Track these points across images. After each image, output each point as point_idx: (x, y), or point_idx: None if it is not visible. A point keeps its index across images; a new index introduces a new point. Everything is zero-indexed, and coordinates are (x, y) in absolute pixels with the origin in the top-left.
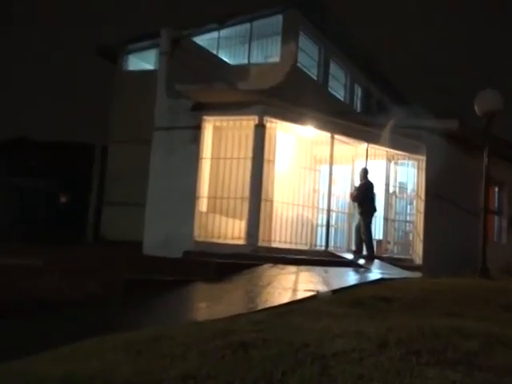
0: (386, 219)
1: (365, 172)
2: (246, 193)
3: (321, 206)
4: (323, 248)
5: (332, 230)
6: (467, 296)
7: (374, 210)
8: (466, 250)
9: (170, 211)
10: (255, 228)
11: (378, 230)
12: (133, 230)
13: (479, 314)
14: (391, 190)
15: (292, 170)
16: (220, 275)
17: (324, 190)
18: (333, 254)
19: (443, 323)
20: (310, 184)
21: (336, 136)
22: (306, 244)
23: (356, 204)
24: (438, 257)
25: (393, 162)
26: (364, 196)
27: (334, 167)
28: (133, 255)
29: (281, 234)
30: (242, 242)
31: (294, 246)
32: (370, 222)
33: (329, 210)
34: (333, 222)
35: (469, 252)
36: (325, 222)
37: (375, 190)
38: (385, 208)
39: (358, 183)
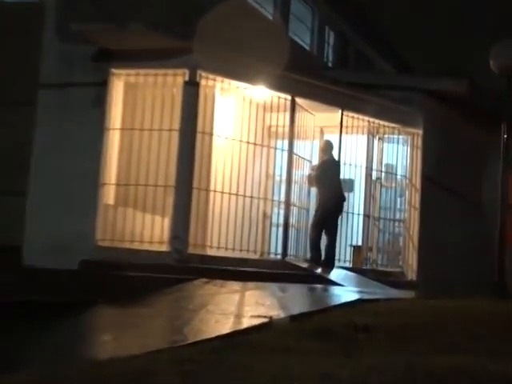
0: (366, 216)
1: (327, 145)
2: (172, 179)
3: (277, 198)
4: (279, 257)
5: (292, 232)
6: (477, 323)
7: (340, 198)
8: (477, 258)
9: (62, 204)
10: (184, 228)
11: (354, 233)
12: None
13: (494, 349)
14: (374, 175)
15: (236, 148)
16: (133, 295)
17: (281, 175)
18: (293, 266)
19: (443, 362)
20: (261, 167)
21: (298, 100)
22: (256, 251)
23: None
24: (437, 269)
25: (377, 137)
26: (323, 177)
27: (295, 143)
28: (6, 266)
29: (220, 236)
30: (164, 247)
31: (238, 255)
32: (328, 216)
33: (288, 204)
34: (293, 220)
35: (480, 262)
36: (282, 221)
37: (345, 173)
38: (365, 201)
39: (317, 162)
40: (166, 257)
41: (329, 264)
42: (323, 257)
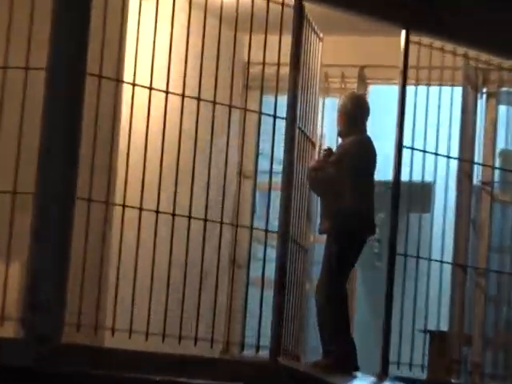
0: (458, 268)
1: (358, 107)
2: (29, 179)
3: (260, 225)
4: (265, 354)
5: (293, 300)
6: None
7: (369, 221)
8: None
9: None
10: (54, 289)
11: (431, 304)
12: None
13: None
14: (477, 176)
15: (174, 112)
16: None
17: (272, 173)
18: (294, 375)
19: None
20: (228, 155)
21: (309, 6)
22: (215, 342)
23: (321, 204)
24: None
25: (484, 93)
26: (346, 179)
27: (302, 106)
28: None
29: (135, 308)
30: (10, 330)
31: (174, 348)
32: (351, 258)
33: (284, 237)
34: (295, 274)
35: None
36: (273, 276)
37: (411, 170)
38: (457, 232)
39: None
40: (14, 350)
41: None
42: (335, 351)
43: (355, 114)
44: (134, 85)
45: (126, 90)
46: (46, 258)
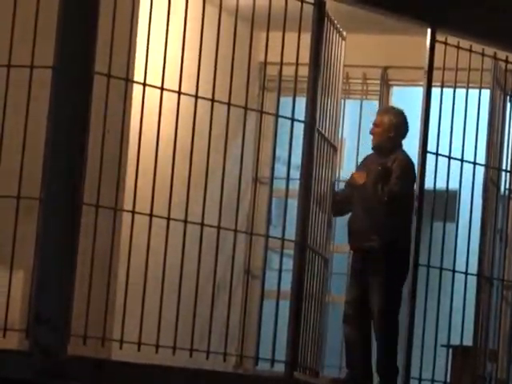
0: (484, 279)
1: (400, 122)
2: (35, 182)
3: (276, 233)
4: (282, 369)
5: (310, 311)
6: None
7: (406, 246)
8: None
9: None
10: (59, 300)
11: (455, 318)
12: None
13: None
14: (504, 184)
15: (186, 114)
16: None
17: (289, 179)
18: None
19: None
20: (243, 160)
21: (331, 4)
22: (228, 355)
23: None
24: None
25: None
26: (398, 209)
27: (321, 108)
28: None
29: (144, 321)
30: (14, 342)
31: (184, 361)
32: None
33: (302, 246)
34: (314, 284)
35: None
36: (290, 288)
37: (433, 177)
38: (482, 244)
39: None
40: (18, 362)
41: None
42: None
43: (404, 131)
44: (144, 85)
45: (136, 90)
46: (51, 267)
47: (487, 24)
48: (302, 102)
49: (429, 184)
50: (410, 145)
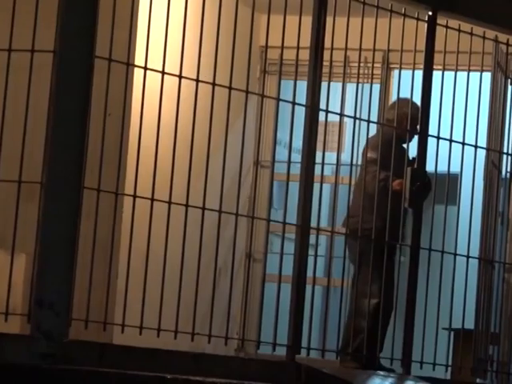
0: (486, 263)
1: (415, 116)
2: (37, 167)
3: (277, 217)
4: (284, 352)
5: (314, 294)
6: None
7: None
8: None
9: None
10: (62, 284)
11: (456, 301)
12: None
13: None
14: (505, 168)
15: (187, 98)
16: None
17: (291, 163)
18: (314, 372)
19: None
20: (245, 144)
21: None
22: (230, 338)
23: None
24: None
25: None
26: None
27: (324, 92)
28: None
29: (145, 304)
30: (16, 325)
31: (185, 345)
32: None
33: (304, 229)
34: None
35: None
36: (292, 271)
37: (434, 160)
38: (484, 226)
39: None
40: (19, 348)
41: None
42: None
43: (413, 119)
44: (145, 69)
45: (137, 73)
46: (53, 251)
47: (488, 7)
48: (303, 86)
49: (430, 167)
50: None
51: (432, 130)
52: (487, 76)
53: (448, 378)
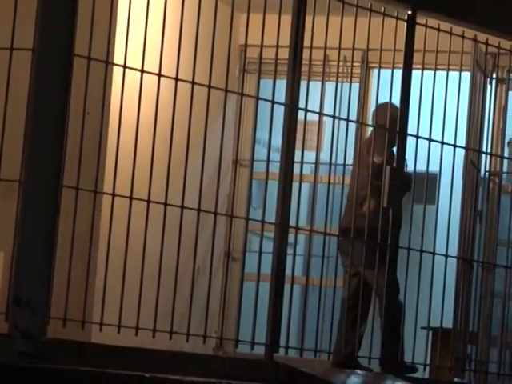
0: (464, 262)
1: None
2: (15, 165)
3: (256, 216)
4: (263, 351)
5: (293, 292)
6: None
7: None
8: None
9: None
10: (40, 283)
11: (435, 300)
12: None
13: None
14: (484, 167)
15: (166, 96)
16: None
17: (270, 160)
18: (292, 370)
19: None
20: (224, 143)
21: None
22: (208, 336)
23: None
24: None
25: (493, 78)
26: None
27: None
28: None
29: (124, 303)
30: None
31: (164, 344)
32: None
33: (282, 227)
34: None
35: None
36: (271, 267)
37: (414, 160)
38: (462, 226)
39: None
40: None
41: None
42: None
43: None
44: (124, 67)
45: (116, 72)
46: (31, 249)
47: (468, 6)
48: (282, 85)
49: (409, 167)
50: None
51: (411, 129)
52: (466, 75)
53: (426, 377)
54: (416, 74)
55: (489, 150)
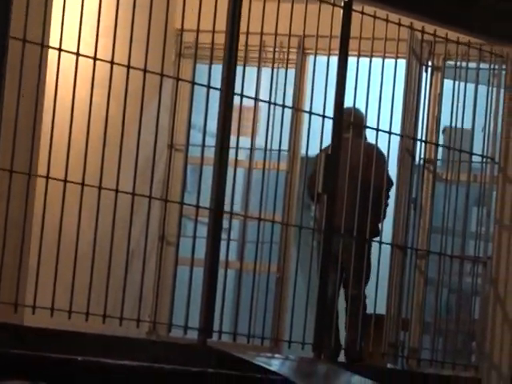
0: (397, 248)
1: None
2: None
3: (190, 200)
4: (196, 336)
5: (227, 276)
6: None
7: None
8: None
9: None
10: None
11: (369, 286)
12: None
13: None
14: (419, 153)
15: (102, 81)
16: None
17: (205, 145)
18: (225, 355)
19: None
20: (158, 127)
21: None
22: (142, 321)
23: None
24: None
25: (429, 66)
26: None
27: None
28: None
29: (58, 287)
30: None
31: (94, 328)
32: None
33: (216, 211)
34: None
35: None
36: (205, 252)
37: None
38: (397, 213)
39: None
40: None
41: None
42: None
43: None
44: (60, 50)
45: (52, 55)
46: None
47: None
48: (218, 70)
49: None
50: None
51: None
52: (402, 63)
53: (359, 363)
54: (352, 61)
55: (424, 138)
